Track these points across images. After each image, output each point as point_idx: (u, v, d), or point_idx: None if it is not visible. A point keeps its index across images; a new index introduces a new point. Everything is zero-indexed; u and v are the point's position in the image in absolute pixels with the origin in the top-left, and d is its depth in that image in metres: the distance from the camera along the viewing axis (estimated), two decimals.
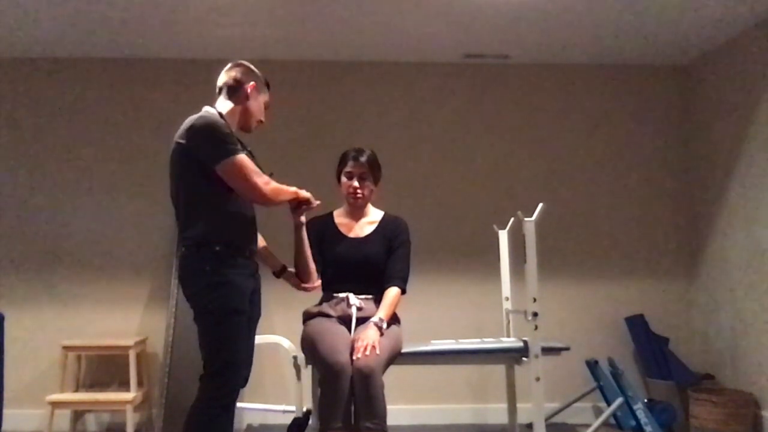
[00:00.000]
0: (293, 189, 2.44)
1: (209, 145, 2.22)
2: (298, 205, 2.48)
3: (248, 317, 2.35)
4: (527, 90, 4.42)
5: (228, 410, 2.26)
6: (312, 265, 2.61)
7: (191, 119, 2.29)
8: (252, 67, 2.49)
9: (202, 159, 2.23)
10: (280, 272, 2.61)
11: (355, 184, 2.86)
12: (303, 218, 2.54)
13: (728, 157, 4.01)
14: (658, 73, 4.46)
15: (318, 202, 2.52)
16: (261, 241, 2.58)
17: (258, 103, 2.48)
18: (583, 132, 4.41)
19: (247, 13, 3.59)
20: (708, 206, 4.22)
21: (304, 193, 2.47)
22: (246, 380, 2.38)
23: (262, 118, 2.53)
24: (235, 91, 2.42)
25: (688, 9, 3.55)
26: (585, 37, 3.98)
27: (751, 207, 3.81)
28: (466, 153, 4.35)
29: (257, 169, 2.30)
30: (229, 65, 2.48)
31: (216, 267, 2.24)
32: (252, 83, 2.44)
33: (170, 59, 4.27)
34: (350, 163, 2.87)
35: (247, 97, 2.43)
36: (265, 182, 2.30)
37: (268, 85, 2.55)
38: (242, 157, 2.25)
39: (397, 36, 3.94)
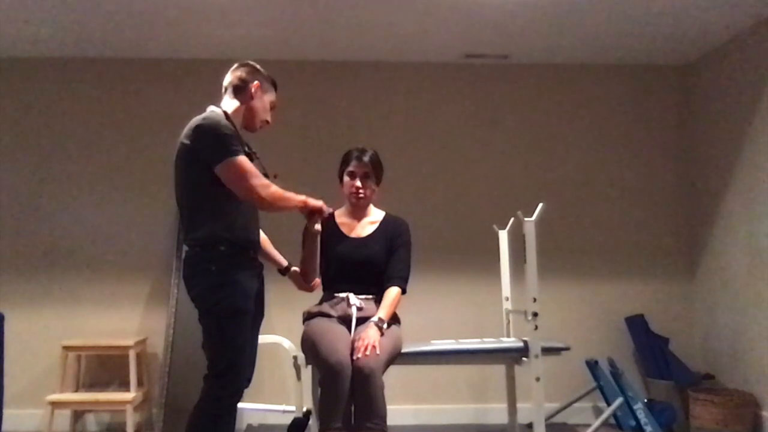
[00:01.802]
0: (301, 198, 2.40)
1: (211, 145, 2.21)
2: (310, 214, 2.45)
3: (252, 318, 2.35)
4: (527, 90, 4.42)
5: (231, 410, 2.26)
6: (317, 269, 2.63)
7: (196, 119, 2.28)
8: (258, 66, 2.47)
9: (204, 159, 2.22)
10: (285, 270, 2.64)
11: (358, 183, 2.86)
12: (318, 226, 2.50)
13: (728, 157, 4.01)
14: (658, 73, 4.46)
15: (330, 210, 2.50)
16: (264, 240, 2.58)
17: (263, 102, 2.45)
18: (583, 132, 4.41)
19: (247, 13, 3.59)
20: (708, 206, 4.22)
21: (314, 202, 2.43)
22: (249, 381, 2.39)
23: (268, 118, 2.49)
24: (240, 90, 2.41)
25: (689, 9, 3.55)
26: (585, 37, 3.98)
27: (751, 207, 3.81)
28: (466, 153, 4.35)
29: (257, 172, 2.27)
30: (236, 65, 2.46)
31: (221, 267, 2.24)
32: (256, 83, 2.42)
33: (170, 59, 4.27)
34: (353, 163, 2.87)
35: (251, 97, 2.41)
36: (263, 185, 2.25)
37: (275, 86, 2.52)
38: (242, 159, 2.23)
39: (397, 36, 3.94)
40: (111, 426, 4.07)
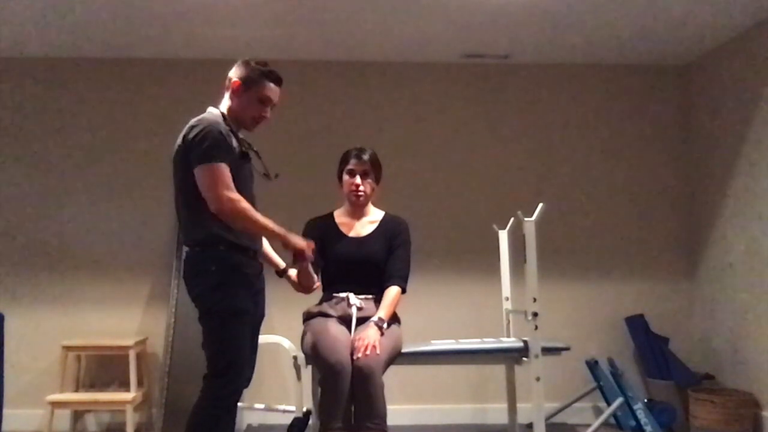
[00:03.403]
0: (282, 232, 2.29)
1: (196, 147, 2.20)
2: (293, 254, 2.36)
3: (252, 318, 2.35)
4: (527, 90, 4.42)
5: (231, 410, 2.26)
6: (314, 278, 2.52)
7: (192, 121, 2.28)
8: (251, 62, 2.39)
9: (190, 159, 2.22)
10: (282, 272, 2.62)
11: (357, 181, 2.86)
12: (300, 267, 2.41)
13: (728, 157, 4.01)
14: (658, 73, 4.46)
15: (312, 258, 2.37)
16: (264, 241, 2.58)
17: (247, 98, 2.36)
18: (583, 132, 4.41)
19: (247, 13, 3.59)
20: (708, 206, 4.22)
21: (296, 242, 2.31)
22: (249, 381, 2.39)
23: (262, 114, 2.40)
24: (227, 88, 2.41)
25: (688, 9, 3.55)
26: (585, 37, 3.97)
27: (751, 207, 3.81)
28: (466, 153, 4.35)
29: (229, 183, 2.20)
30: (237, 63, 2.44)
31: (221, 267, 2.24)
32: (235, 80, 2.36)
33: (170, 59, 4.27)
34: (352, 161, 2.87)
35: (235, 94, 2.38)
36: (230, 198, 2.18)
37: (275, 80, 2.41)
38: (218, 166, 2.19)
39: (397, 36, 3.94)
40: (111, 426, 4.07)
